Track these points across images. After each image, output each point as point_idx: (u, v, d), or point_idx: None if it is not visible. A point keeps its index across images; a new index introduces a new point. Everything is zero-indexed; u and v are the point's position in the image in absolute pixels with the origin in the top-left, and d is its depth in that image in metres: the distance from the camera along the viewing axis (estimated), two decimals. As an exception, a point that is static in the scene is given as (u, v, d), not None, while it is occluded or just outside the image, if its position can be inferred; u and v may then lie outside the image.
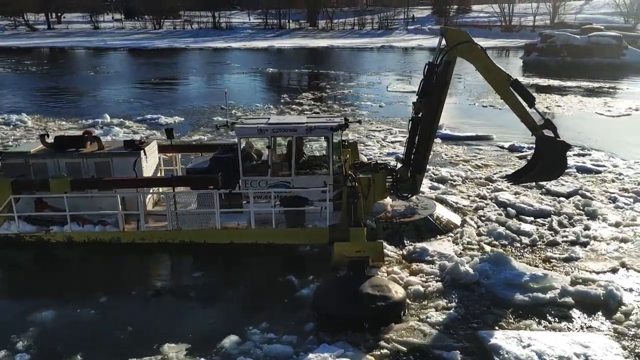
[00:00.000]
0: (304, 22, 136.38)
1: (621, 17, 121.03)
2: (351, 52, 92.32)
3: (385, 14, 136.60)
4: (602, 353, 10.65)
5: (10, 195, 15.91)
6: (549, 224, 17.74)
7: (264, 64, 70.74)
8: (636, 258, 15.33)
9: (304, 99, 42.90)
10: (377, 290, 12.36)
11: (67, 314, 12.88)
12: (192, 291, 14.09)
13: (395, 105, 40.21)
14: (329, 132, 16.39)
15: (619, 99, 42.77)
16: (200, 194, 16.37)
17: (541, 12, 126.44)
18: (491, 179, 22.64)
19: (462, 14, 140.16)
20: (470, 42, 16.00)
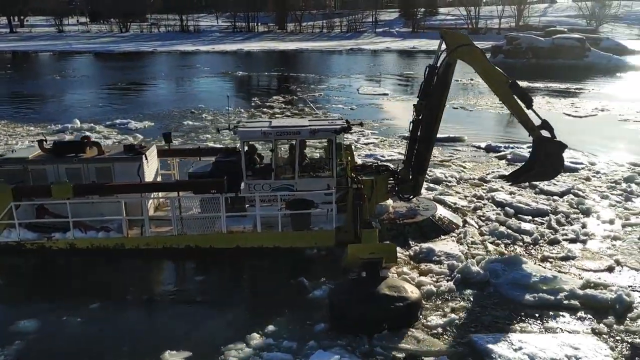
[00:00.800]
0: (272, 25, 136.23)
1: (583, 20, 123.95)
2: (320, 54, 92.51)
3: (353, 17, 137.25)
4: (592, 354, 10.91)
5: (11, 202, 15.57)
6: (548, 222, 18.17)
7: (233, 67, 70.41)
8: (629, 255, 15.77)
9: (275, 102, 42.84)
10: (394, 291, 12.46)
11: (68, 321, 12.76)
12: (197, 296, 14.10)
13: (367, 107, 40.46)
14: (332, 135, 16.38)
15: (585, 99, 43.79)
16: (204, 198, 16.13)
17: (506, 14, 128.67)
18: (485, 179, 23.07)
19: (429, 17, 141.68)
20: (470, 44, 16.21)
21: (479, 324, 12.28)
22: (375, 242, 13.80)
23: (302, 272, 14.57)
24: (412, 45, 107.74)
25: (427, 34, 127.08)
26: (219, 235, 16.03)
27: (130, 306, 13.66)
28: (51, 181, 16.22)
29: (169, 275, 16.09)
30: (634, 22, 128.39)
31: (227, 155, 17.35)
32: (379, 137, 31.06)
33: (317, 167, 17.26)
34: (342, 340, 11.63)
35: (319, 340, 11.67)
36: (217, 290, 14.53)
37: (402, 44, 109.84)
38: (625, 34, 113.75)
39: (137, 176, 16.68)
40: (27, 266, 15.86)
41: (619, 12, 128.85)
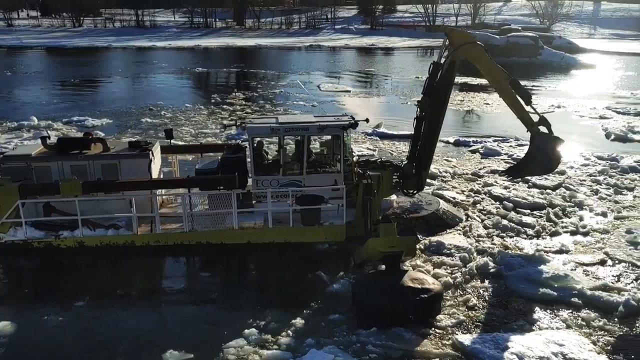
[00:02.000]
0: (231, 21, 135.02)
1: (537, 19, 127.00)
2: (279, 51, 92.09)
3: (312, 13, 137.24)
4: (577, 351, 11.00)
5: (17, 200, 15.25)
6: (547, 215, 18.74)
7: (191, 63, 69.43)
8: (617, 248, 16.22)
9: (235, 98, 42.41)
10: (418, 283, 12.70)
11: (69, 320, 12.69)
12: (212, 293, 14.07)
13: (329, 104, 40.42)
14: (340, 131, 16.55)
15: (541, 97, 44.62)
16: (215, 195, 15.98)
17: (463, 12, 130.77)
18: (478, 174, 23.67)
19: (387, 14, 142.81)
20: (473, 43, 16.40)
21: (473, 323, 12.36)
22: (395, 236, 13.90)
23: (317, 266, 14.80)
24: (371, 42, 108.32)
25: (386, 31, 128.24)
26: (230, 231, 16.04)
27: (139, 304, 13.56)
28: (55, 179, 15.91)
29: (178, 271, 15.92)
30: (584, 21, 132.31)
31: (233, 151, 17.19)
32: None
33: (323, 163, 17.39)
34: (337, 337, 11.78)
35: (331, 335, 11.86)
36: (231, 286, 14.57)
37: (360, 41, 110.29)
38: (576, 33, 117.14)
39: (146, 173, 16.47)
40: (33, 265, 15.54)
41: (571, 11, 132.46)
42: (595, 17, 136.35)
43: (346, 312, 12.78)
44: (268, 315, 12.58)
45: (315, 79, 55.55)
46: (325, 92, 46.89)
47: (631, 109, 39.07)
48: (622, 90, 48.43)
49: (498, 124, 34.12)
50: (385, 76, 61.14)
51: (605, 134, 31.74)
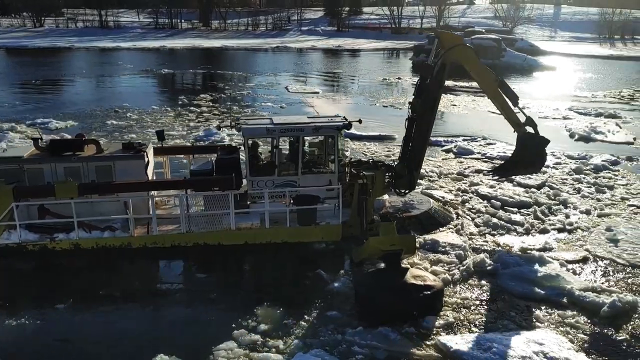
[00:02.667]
0: (196, 22, 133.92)
1: (499, 22, 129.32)
2: (246, 52, 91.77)
3: (279, 15, 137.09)
4: (557, 349, 11.22)
5: (12, 203, 14.94)
6: (534, 213, 19.22)
7: (157, 64, 68.65)
8: (597, 245, 16.68)
9: (202, 100, 42.11)
10: (420, 281, 13.00)
11: (59, 323, 12.62)
12: (199, 295, 13.92)
13: (297, 106, 40.45)
14: (335, 132, 16.68)
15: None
16: (208, 196, 15.94)
17: (428, 15, 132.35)
18: (463, 173, 24.19)
19: (353, 16, 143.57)
20: (463, 45, 16.81)
21: (458, 323, 12.49)
22: (395, 234, 13.99)
23: (315, 266, 14.94)
24: (338, 44, 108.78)
25: (352, 32, 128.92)
26: (227, 232, 16.00)
27: (132, 306, 13.49)
28: (48, 181, 15.72)
29: (172, 273, 15.79)
30: (545, 24, 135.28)
31: (227, 152, 17.17)
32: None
33: (317, 163, 17.51)
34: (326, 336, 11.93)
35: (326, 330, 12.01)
36: (226, 287, 14.52)
37: (327, 43, 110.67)
38: (537, 36, 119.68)
39: (142, 174, 16.33)
40: (28, 267, 15.32)
41: (532, 14, 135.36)
42: (556, 20, 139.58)
43: (342, 311, 12.87)
44: (260, 316, 12.59)
45: (283, 81, 55.54)
46: (293, 94, 46.91)
47: (592, 110, 40.13)
48: (583, 92, 49.76)
49: (465, 124, 34.74)
50: (352, 78, 61.52)
51: (570, 134, 32.63)
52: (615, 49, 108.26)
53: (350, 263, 14.98)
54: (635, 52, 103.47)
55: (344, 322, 12.45)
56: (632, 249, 16.39)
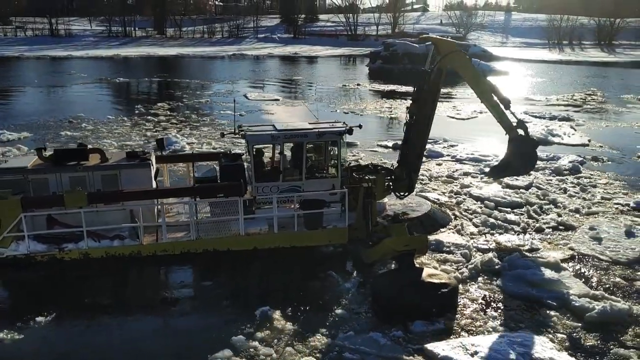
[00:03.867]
0: (151, 30, 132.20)
1: (453, 28, 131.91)
2: (202, 60, 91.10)
3: (235, 22, 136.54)
4: (540, 349, 11.41)
5: (21, 214, 14.78)
6: (527, 213, 19.75)
7: (111, 73, 67.33)
8: (581, 244, 17.12)
9: (159, 109, 41.49)
10: (437, 279, 13.40)
11: (67, 333, 12.54)
12: (205, 302, 13.90)
13: (257, 113, 40.29)
14: (338, 137, 16.94)
15: (464, 103, 46.52)
16: (215, 202, 15.96)
17: (383, 22, 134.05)
18: (453, 176, 24.63)
19: (310, 23, 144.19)
20: (458, 52, 17.19)
21: (447, 327, 12.52)
22: (407, 235, 14.23)
23: (327, 267, 15.15)
24: (295, 51, 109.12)
25: (308, 39, 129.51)
26: (237, 237, 16.05)
27: (142, 314, 13.43)
28: (53, 191, 15.63)
29: (178, 281, 15.51)
30: (497, 30, 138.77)
31: (231, 160, 17.20)
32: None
33: (320, 168, 17.73)
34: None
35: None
36: (231, 294, 14.49)
37: (284, 50, 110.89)
38: (489, 41, 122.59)
39: (147, 182, 16.32)
40: (35, 277, 15.01)
41: (484, 20, 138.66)
42: (507, 26, 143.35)
43: (349, 313, 13.04)
44: (258, 322, 12.58)
45: (241, 88, 55.25)
46: (253, 101, 46.70)
47: (547, 114, 41.22)
48: (536, 96, 51.19)
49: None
50: (310, 84, 61.74)
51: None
52: (563, 54, 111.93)
53: (356, 264, 15.25)
54: (583, 56, 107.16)
55: (344, 324, 12.58)
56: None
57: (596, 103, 48.76)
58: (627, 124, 39.08)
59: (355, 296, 13.82)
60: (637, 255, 16.31)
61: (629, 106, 47.15)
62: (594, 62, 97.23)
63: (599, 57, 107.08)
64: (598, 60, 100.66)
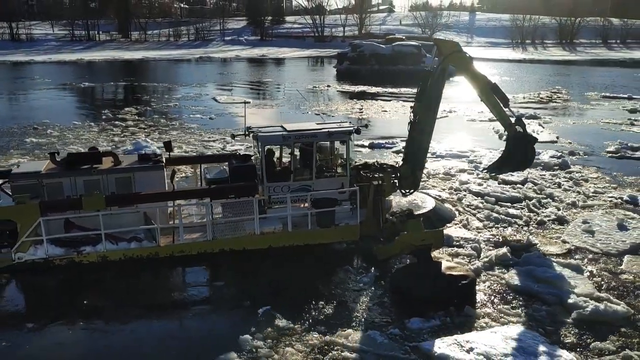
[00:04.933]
0: (115, 34, 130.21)
1: (419, 28, 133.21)
2: (169, 63, 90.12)
3: (201, 25, 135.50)
4: (533, 343, 11.63)
5: (39, 218, 14.78)
6: (528, 207, 20.32)
7: (76, 78, 66.01)
8: (572, 237, 17.58)
9: (127, 114, 40.83)
10: (456, 271, 13.95)
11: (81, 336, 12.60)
12: (215, 302, 14.09)
13: (227, 116, 39.98)
14: (347, 137, 17.30)
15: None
16: (229, 203, 16.20)
17: (350, 23, 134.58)
18: (450, 173, 25.11)
19: (276, 25, 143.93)
20: (460, 51, 17.62)
21: (444, 324, 12.61)
22: (423, 230, 14.64)
23: (343, 264, 15.60)
24: (262, 53, 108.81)
25: (276, 41, 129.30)
26: (252, 237, 16.30)
27: (151, 316, 13.47)
28: (67, 194, 15.77)
29: (198, 281, 15.80)
30: (462, 30, 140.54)
31: (242, 161, 17.42)
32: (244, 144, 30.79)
33: (329, 168, 18.10)
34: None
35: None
36: (242, 293, 14.51)
37: (251, 52, 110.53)
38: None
39: (161, 185, 16.55)
40: (54, 281, 15.07)
41: (449, 21, 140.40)
42: (472, 26, 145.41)
43: (344, 311, 13.18)
44: (260, 322, 12.67)
45: (210, 91, 54.77)
46: (223, 104, 46.30)
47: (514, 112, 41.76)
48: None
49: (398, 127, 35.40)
50: (279, 86, 61.64)
51: (498, 136, 33.72)
52: (527, 53, 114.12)
53: (369, 261, 15.53)
54: (546, 55, 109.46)
55: (344, 322, 12.73)
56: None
57: (562, 101, 49.82)
58: (592, 120, 39.95)
59: (363, 293, 14.00)
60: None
61: (592, 103, 48.29)
62: (556, 61, 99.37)
63: (561, 56, 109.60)
64: (560, 59, 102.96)
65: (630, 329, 12.49)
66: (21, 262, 15.13)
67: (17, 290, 14.95)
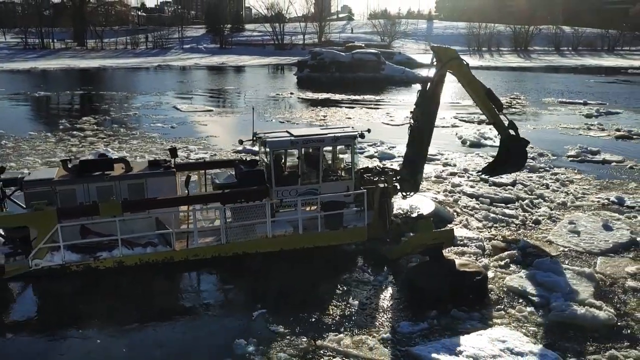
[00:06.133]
0: (70, 42, 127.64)
1: (378, 36, 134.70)
2: (127, 72, 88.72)
3: (159, 33, 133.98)
4: (518, 343, 11.83)
5: (57, 224, 14.85)
6: (522, 207, 20.87)
7: (30, 87, 64.18)
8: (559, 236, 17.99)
9: (85, 123, 39.79)
10: (469, 268, 14.38)
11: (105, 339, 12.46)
12: (219, 307, 14.15)
13: (189, 125, 39.43)
14: (352, 141, 17.81)
15: (397, 109, 47.22)
16: (239, 207, 16.47)
17: (310, 31, 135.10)
18: (441, 176, 25.54)
19: (236, 33, 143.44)
20: (458, 58, 18.15)
21: (432, 327, 12.69)
22: (433, 230, 15.39)
23: (352, 265, 16.05)
24: (222, 61, 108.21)
25: (235, 49, 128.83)
26: (264, 240, 16.57)
27: (149, 321, 13.34)
28: (80, 201, 15.93)
29: (209, 284, 15.95)
30: (420, 38, 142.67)
31: (249, 165, 17.76)
32: (208, 152, 30.43)
33: (334, 172, 18.55)
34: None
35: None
36: (246, 298, 14.71)
37: (211, 60, 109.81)
38: (414, 49, 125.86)
39: (171, 190, 16.75)
40: (71, 288, 14.95)
41: (407, 29, 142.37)
42: (429, 34, 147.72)
43: (336, 315, 13.24)
44: (253, 326, 12.78)
45: (170, 100, 54.01)
46: (185, 113, 45.66)
47: (475, 118, 42.43)
48: (463, 101, 52.54)
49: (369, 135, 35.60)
50: (237, 93, 61.33)
51: (462, 141, 34.35)
52: (484, 60, 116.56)
53: (376, 261, 15.94)
54: (502, 62, 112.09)
55: (335, 326, 12.77)
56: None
57: (520, 107, 50.87)
58: (551, 125, 40.83)
59: (358, 297, 14.07)
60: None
61: (550, 109, 49.48)
62: (512, 67, 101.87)
63: (516, 63, 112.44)
64: (516, 66, 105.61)
65: (614, 333, 12.59)
66: (38, 269, 15.12)
67: (34, 296, 14.97)
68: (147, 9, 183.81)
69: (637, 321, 13.06)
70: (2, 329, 13.00)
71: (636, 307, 13.73)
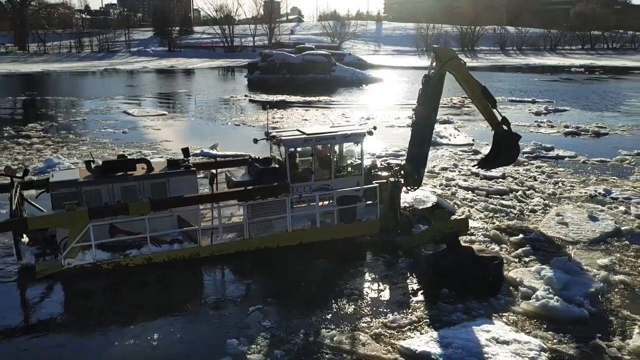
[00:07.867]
0: (11, 46, 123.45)
1: (328, 38, 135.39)
2: (72, 76, 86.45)
3: (105, 36, 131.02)
4: (502, 332, 12.19)
5: (89, 224, 15.26)
6: (515, 198, 21.99)
7: (-31, 93, 61.86)
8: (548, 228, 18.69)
9: (31, 130, 38.39)
10: (486, 253, 15.19)
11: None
12: (231, 303, 14.22)
13: (140, 129, 38.58)
14: (361, 138, 18.42)
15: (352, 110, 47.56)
16: (259, 203, 17.03)
17: (259, 33, 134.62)
18: (434, 170, 26.35)
19: (185, 36, 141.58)
20: (457, 58, 19.09)
21: (422, 320, 12.92)
22: (449, 219, 16.39)
23: (372, 255, 16.91)
24: (170, 64, 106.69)
25: (184, 52, 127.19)
26: (285, 234, 17.27)
27: (143, 320, 13.34)
28: (105, 201, 16.28)
29: (228, 280, 16.27)
30: (369, 39, 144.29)
31: (264, 163, 18.16)
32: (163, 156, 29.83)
33: (343, 168, 19.11)
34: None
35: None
36: (251, 292, 14.98)
37: (159, 63, 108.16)
38: (363, 50, 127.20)
39: (193, 189, 17.16)
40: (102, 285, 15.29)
41: (357, 30, 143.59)
42: (379, 35, 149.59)
43: (326, 310, 13.41)
44: (247, 323, 12.90)
45: (120, 104, 52.78)
46: (137, 117, 44.67)
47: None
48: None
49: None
50: (188, 96, 60.63)
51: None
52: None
53: (390, 252, 16.70)
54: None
55: (328, 322, 12.92)
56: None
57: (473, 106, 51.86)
58: (503, 123, 42.03)
59: (355, 293, 14.33)
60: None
61: (501, 107, 50.04)
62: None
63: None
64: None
65: (598, 323, 12.84)
66: (70, 267, 15.54)
67: (68, 294, 15.20)
68: (92, 11, 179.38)
69: (620, 311, 13.38)
70: (37, 327, 13.28)
71: (619, 297, 14.12)
